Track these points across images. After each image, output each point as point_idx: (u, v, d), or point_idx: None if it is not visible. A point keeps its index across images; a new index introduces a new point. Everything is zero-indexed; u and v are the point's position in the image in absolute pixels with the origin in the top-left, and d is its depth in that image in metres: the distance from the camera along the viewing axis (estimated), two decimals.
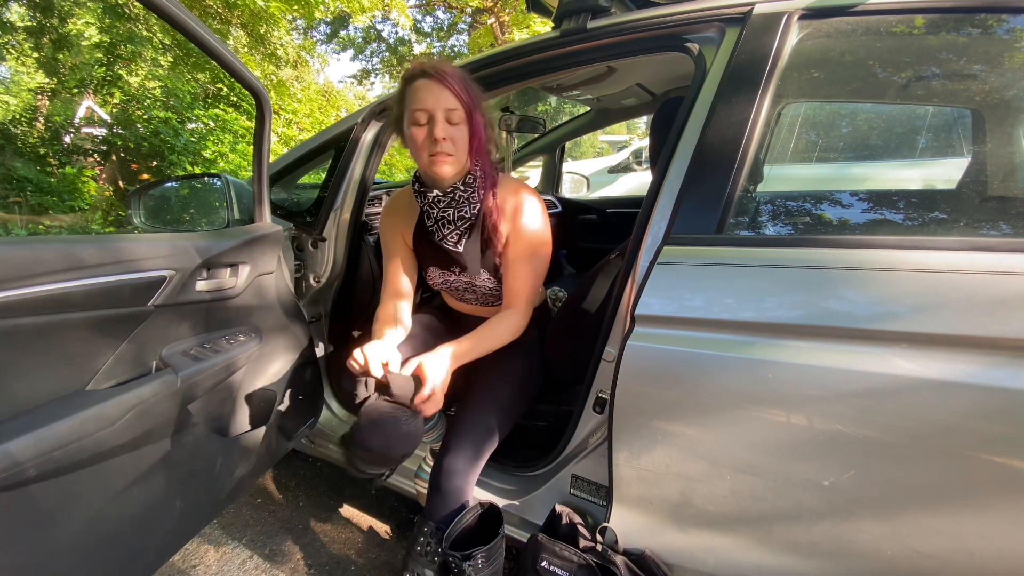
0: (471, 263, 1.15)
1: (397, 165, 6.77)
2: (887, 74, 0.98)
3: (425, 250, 1.19)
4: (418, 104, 0.98)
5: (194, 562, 1.35)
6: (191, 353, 0.94)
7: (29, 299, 0.66)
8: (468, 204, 1.09)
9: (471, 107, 0.99)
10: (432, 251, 1.18)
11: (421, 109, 0.98)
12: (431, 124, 0.98)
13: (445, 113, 0.98)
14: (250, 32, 6.46)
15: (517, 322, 1.11)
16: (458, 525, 1.00)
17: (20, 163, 4.14)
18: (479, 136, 1.03)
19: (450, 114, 0.98)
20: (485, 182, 1.10)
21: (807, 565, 0.83)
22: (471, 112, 1.00)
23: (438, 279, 1.22)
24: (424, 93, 0.97)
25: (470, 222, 1.12)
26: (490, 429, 1.09)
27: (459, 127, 1.00)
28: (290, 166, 1.56)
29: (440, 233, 1.13)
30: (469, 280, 1.19)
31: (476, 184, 1.09)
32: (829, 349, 0.75)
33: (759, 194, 0.97)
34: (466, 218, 1.11)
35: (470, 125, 1.01)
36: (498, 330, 1.09)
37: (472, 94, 1.00)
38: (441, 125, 0.98)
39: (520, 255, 1.10)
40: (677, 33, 1.03)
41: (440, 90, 0.97)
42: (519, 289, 1.11)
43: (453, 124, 0.99)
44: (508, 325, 1.10)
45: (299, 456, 1.80)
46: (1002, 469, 0.66)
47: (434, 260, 1.20)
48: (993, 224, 0.82)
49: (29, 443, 0.64)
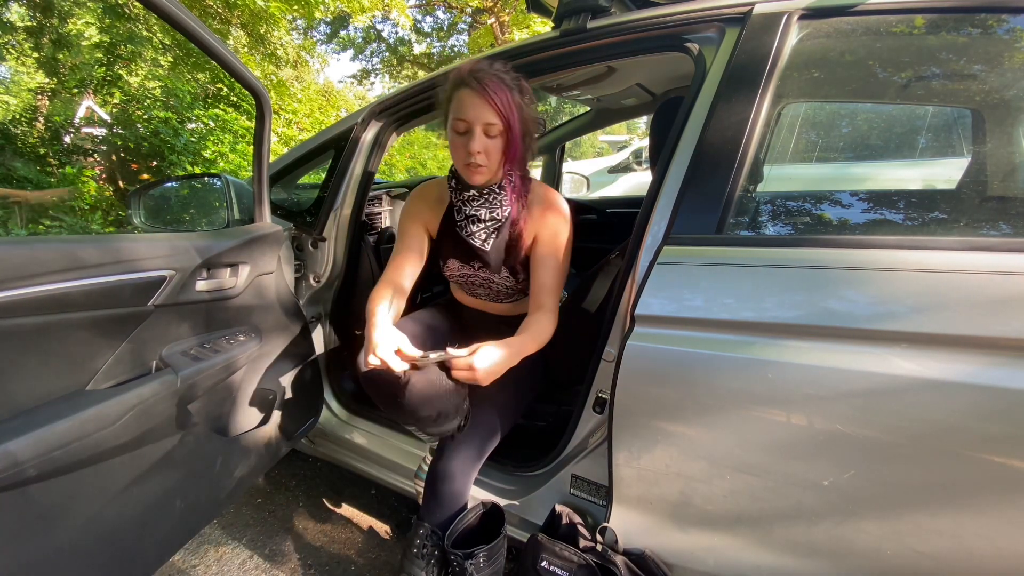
0: (494, 261, 1.17)
1: (397, 165, 6.77)
2: (887, 74, 0.98)
3: (449, 242, 1.20)
4: (459, 113, 1.00)
5: (194, 562, 1.35)
6: (191, 353, 0.94)
7: (29, 299, 0.66)
8: (500, 206, 1.11)
9: (511, 120, 1.00)
10: (456, 244, 1.19)
11: (462, 119, 1.00)
12: (469, 136, 1.00)
13: (483, 127, 0.99)
14: (250, 32, 6.46)
15: (551, 324, 1.11)
16: (460, 524, 1.01)
17: (20, 163, 4.14)
18: (516, 147, 1.04)
19: (488, 128, 0.99)
20: (517, 189, 1.12)
21: (807, 565, 0.83)
22: (510, 125, 1.00)
23: (456, 271, 1.23)
24: (466, 104, 0.98)
25: (499, 223, 1.13)
26: (489, 432, 1.09)
27: (496, 140, 1.01)
28: (290, 166, 1.56)
29: (468, 229, 1.14)
30: (488, 276, 1.21)
31: (508, 189, 1.11)
32: (829, 349, 0.75)
33: (759, 194, 0.97)
34: (497, 219, 1.13)
35: (508, 138, 1.02)
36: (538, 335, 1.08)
37: (514, 105, 1.00)
38: (478, 140, 0.99)
39: (549, 254, 1.12)
40: (677, 33, 1.03)
41: (481, 103, 0.97)
42: (551, 286, 1.13)
43: (491, 137, 1.01)
44: (545, 328, 1.10)
45: (299, 456, 1.80)
46: (1002, 469, 0.66)
47: (456, 253, 1.21)
48: (993, 224, 0.82)
49: (29, 443, 0.64)
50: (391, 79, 14.45)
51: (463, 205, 1.13)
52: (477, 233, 1.14)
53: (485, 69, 0.99)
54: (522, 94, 1.03)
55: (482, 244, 1.14)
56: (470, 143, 0.99)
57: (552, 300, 1.13)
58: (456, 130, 1.01)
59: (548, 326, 1.10)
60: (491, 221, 1.13)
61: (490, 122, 0.98)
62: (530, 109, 1.05)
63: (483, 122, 0.98)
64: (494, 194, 1.10)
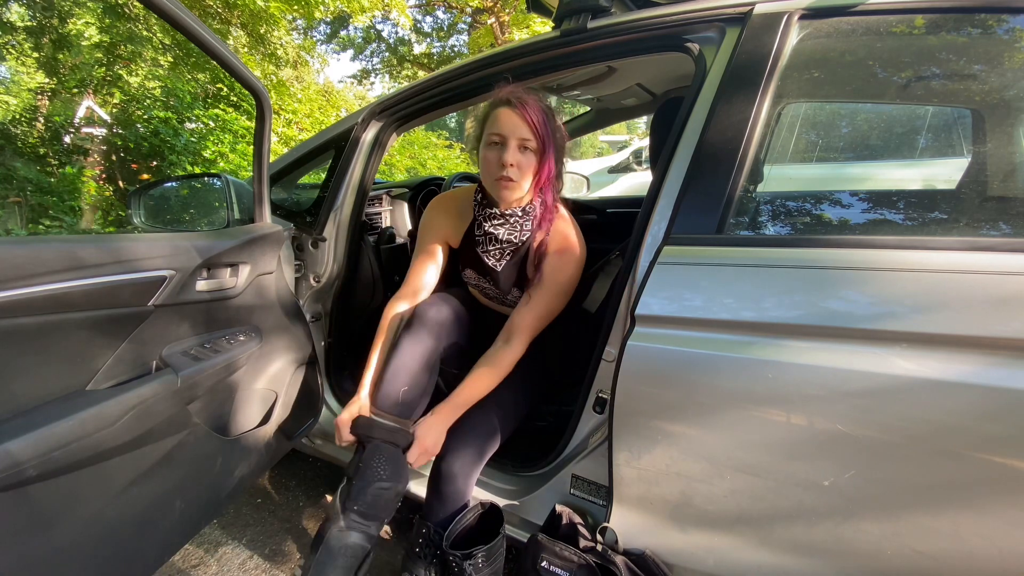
0: (504, 282, 1.19)
1: (397, 165, 6.77)
2: (887, 74, 0.98)
3: (469, 254, 1.22)
4: (495, 128, 1.03)
5: (194, 562, 1.35)
6: (191, 353, 0.94)
7: (29, 299, 0.66)
8: (519, 231, 1.12)
9: (545, 141, 1.03)
10: (474, 257, 1.20)
11: (497, 133, 1.03)
12: (503, 148, 1.02)
13: (519, 141, 1.02)
14: (250, 32, 6.45)
15: (511, 358, 1.11)
16: (459, 524, 1.01)
17: (20, 163, 4.14)
18: (548, 170, 1.06)
19: (523, 143, 1.02)
20: (543, 217, 1.12)
21: (807, 565, 0.83)
22: (544, 145, 1.03)
23: (472, 280, 1.26)
24: (503, 120, 1.02)
25: (515, 247, 1.14)
26: (491, 432, 1.09)
27: (529, 157, 1.03)
28: (290, 166, 1.56)
29: (485, 247, 1.16)
30: (499, 293, 1.23)
31: (533, 216, 1.11)
32: (829, 349, 0.75)
33: (759, 194, 0.97)
34: (513, 242, 1.14)
35: (540, 158, 1.04)
36: (490, 373, 1.09)
37: (550, 128, 1.03)
38: (512, 152, 1.02)
39: (544, 291, 1.11)
40: (677, 33, 1.03)
41: (519, 119, 1.01)
42: (527, 325, 1.12)
43: (524, 153, 1.03)
44: (501, 364, 1.10)
45: (299, 456, 1.80)
46: (1002, 469, 0.66)
47: (473, 265, 1.22)
48: (993, 224, 0.82)
49: (29, 443, 0.64)
50: (391, 79, 14.44)
51: (483, 221, 1.14)
52: (492, 252, 1.16)
53: (523, 93, 1.04)
54: (555, 120, 1.07)
55: (495, 264, 1.16)
56: (504, 154, 1.01)
57: (523, 337, 1.12)
58: (491, 143, 1.04)
59: (508, 358, 1.10)
60: (507, 243, 1.14)
61: (525, 137, 1.01)
62: (560, 136, 1.08)
63: (518, 136, 1.02)
64: (516, 217, 1.11)
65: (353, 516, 0.96)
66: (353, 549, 0.95)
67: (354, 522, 0.96)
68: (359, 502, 0.96)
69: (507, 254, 1.15)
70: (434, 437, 1.04)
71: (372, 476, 0.97)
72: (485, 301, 1.34)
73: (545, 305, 1.12)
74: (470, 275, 1.25)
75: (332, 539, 0.95)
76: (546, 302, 1.12)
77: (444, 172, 6.15)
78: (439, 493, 1.03)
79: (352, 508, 0.96)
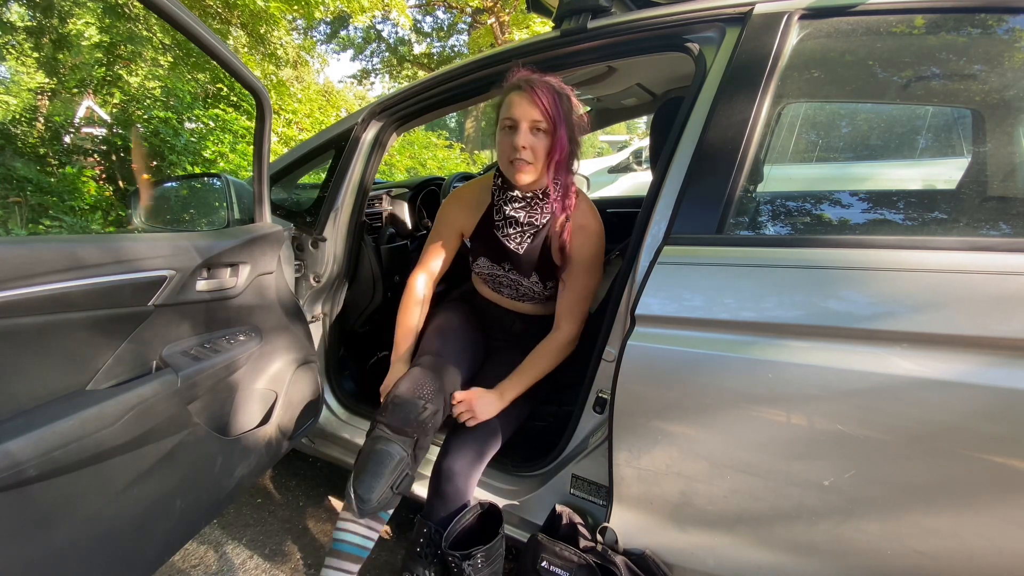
0: (525, 265, 1.20)
1: (397, 165, 6.76)
2: (887, 74, 0.98)
3: (483, 242, 1.23)
4: (508, 112, 1.05)
5: (194, 562, 1.35)
6: (191, 353, 0.94)
7: (29, 299, 0.66)
8: (540, 212, 1.14)
9: (556, 122, 1.04)
10: (489, 244, 1.21)
11: (509, 117, 1.05)
12: (515, 132, 1.04)
13: (530, 124, 1.04)
14: (250, 32, 6.45)
15: (562, 341, 1.17)
16: (458, 525, 1.01)
17: (20, 163, 4.13)
18: (561, 150, 1.06)
19: (535, 124, 1.04)
20: (562, 199, 1.13)
21: (807, 564, 0.83)
22: (556, 126, 1.04)
23: (485, 270, 1.27)
24: (515, 104, 1.04)
25: (536, 228, 1.15)
26: (492, 432, 1.09)
27: (541, 139, 1.05)
28: (290, 166, 1.56)
29: (505, 231, 1.17)
30: (517, 279, 1.23)
31: (552, 197, 1.12)
32: (829, 349, 0.75)
33: (759, 194, 0.97)
34: (535, 224, 1.15)
35: (553, 139, 1.05)
36: (550, 357, 1.17)
37: (561, 110, 1.04)
38: (524, 135, 1.03)
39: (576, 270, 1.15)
40: (677, 33, 1.03)
41: (529, 103, 1.03)
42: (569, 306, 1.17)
43: (536, 135, 1.04)
44: (559, 348, 1.17)
45: (299, 456, 1.80)
46: (1002, 469, 0.66)
47: (488, 252, 1.23)
48: (993, 224, 0.82)
49: (29, 443, 0.64)
50: (391, 79, 14.44)
51: (504, 205, 1.15)
52: (513, 235, 1.16)
53: (535, 77, 1.06)
54: (569, 101, 1.08)
55: (516, 247, 1.16)
56: (516, 138, 1.03)
57: (570, 319, 1.16)
58: (504, 128, 1.07)
59: (567, 344, 1.16)
60: (528, 225, 1.15)
61: (536, 119, 1.03)
62: (576, 116, 1.10)
63: (530, 119, 1.03)
64: (537, 199, 1.12)
65: (382, 428, 1.04)
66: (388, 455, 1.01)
67: (383, 431, 1.03)
68: (394, 417, 1.04)
69: (528, 236, 1.16)
70: (484, 405, 1.09)
71: (416, 391, 1.06)
72: (491, 294, 1.33)
73: (582, 284, 1.16)
74: (483, 264, 1.26)
75: (365, 446, 1.04)
76: (582, 281, 1.16)
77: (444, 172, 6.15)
78: (440, 492, 1.03)
79: (382, 421, 1.05)
